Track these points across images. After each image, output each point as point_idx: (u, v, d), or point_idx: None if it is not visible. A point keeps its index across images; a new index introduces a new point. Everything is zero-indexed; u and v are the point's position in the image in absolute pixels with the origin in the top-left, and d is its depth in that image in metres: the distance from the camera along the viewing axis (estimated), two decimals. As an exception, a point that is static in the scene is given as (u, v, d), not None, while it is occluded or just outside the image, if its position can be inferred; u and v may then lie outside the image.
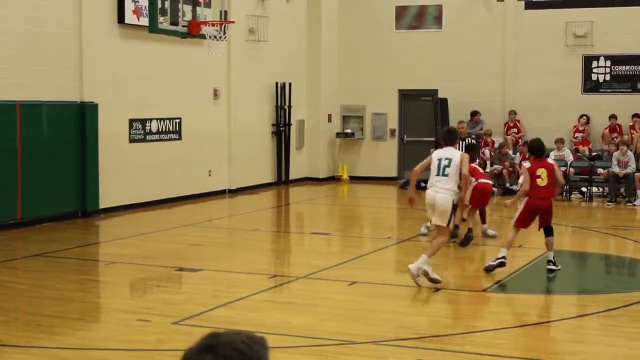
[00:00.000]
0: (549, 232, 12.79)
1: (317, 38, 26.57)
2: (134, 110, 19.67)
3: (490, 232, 16.22)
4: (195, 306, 10.48)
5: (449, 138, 12.45)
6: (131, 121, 19.64)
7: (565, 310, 10.69)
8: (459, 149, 17.75)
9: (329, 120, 27.15)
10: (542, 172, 12.56)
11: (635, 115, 23.90)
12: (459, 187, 11.91)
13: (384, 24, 26.83)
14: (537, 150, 13.01)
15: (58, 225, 17.16)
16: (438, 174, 11.79)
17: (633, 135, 23.72)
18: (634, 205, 20.99)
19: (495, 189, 23.26)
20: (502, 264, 12.46)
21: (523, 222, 12.73)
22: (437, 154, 12.05)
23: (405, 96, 27.01)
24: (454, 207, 12.10)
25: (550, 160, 13.72)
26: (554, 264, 12.83)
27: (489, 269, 12.51)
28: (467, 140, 18.09)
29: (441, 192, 11.68)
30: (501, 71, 25.61)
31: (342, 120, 27.60)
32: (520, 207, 12.73)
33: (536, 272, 13.79)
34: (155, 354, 8.64)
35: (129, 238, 15.95)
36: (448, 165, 11.73)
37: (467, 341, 9.08)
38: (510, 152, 23.92)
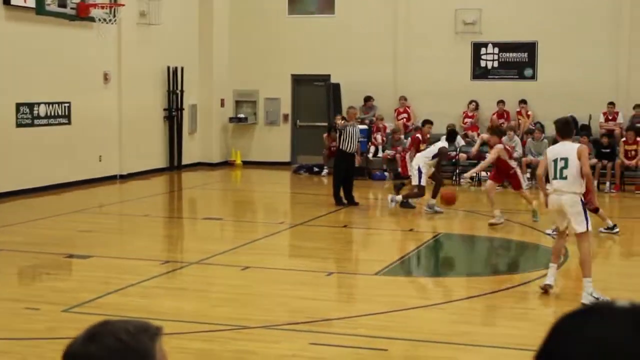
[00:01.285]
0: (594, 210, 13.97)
1: (209, 22, 26.36)
2: (21, 94, 19.18)
3: (437, 208, 17.33)
4: (85, 293, 10.34)
5: (565, 130, 10.55)
6: (18, 105, 19.16)
7: (454, 293, 10.93)
8: (345, 135, 18.00)
9: (222, 105, 27.00)
10: None
11: (522, 102, 24.49)
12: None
13: (276, 9, 26.78)
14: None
15: (-58, 212, 16.68)
16: (555, 177, 10.21)
17: (520, 121, 24.32)
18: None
19: (386, 174, 23.68)
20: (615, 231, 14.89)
21: None
22: (552, 152, 10.45)
23: (298, 81, 27.05)
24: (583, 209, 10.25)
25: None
26: (612, 228, 14.86)
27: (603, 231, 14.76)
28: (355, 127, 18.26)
29: (565, 194, 10.16)
30: (392, 57, 25.86)
31: (235, 105, 27.47)
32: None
33: (425, 256, 14.08)
34: (45, 343, 8.51)
35: (16, 225, 15.59)
36: (565, 167, 10.13)
37: (359, 324, 9.20)
38: (402, 137, 24.20)
